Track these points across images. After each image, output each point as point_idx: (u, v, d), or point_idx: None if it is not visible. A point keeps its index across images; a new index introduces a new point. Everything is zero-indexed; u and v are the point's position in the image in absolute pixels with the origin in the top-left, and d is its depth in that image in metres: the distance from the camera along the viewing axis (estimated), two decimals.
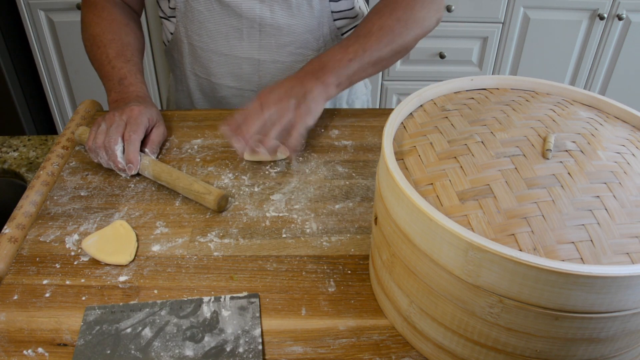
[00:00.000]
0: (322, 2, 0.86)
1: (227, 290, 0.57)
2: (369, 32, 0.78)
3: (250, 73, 0.93)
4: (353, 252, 0.62)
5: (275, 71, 0.93)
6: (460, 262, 0.41)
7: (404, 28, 0.80)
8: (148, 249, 0.62)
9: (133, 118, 0.73)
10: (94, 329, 0.52)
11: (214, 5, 0.85)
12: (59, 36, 1.75)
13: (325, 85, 0.74)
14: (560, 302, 0.39)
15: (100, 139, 0.71)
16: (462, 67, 1.87)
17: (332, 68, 0.75)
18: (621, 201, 0.44)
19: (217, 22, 0.87)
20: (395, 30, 0.79)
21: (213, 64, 0.92)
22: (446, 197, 0.45)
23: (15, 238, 0.62)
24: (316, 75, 0.75)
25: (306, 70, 0.76)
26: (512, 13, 1.76)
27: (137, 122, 0.73)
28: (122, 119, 0.73)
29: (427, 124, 0.53)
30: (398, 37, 0.79)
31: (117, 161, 0.70)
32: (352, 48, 0.77)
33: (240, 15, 0.85)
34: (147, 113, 0.75)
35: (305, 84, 0.73)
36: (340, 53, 0.77)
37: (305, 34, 0.89)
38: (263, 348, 0.51)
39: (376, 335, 0.53)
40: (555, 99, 0.57)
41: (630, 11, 1.74)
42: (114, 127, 0.71)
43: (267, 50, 0.90)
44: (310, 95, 0.73)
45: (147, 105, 0.76)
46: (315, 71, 0.75)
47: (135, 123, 0.72)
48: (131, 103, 0.75)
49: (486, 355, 0.46)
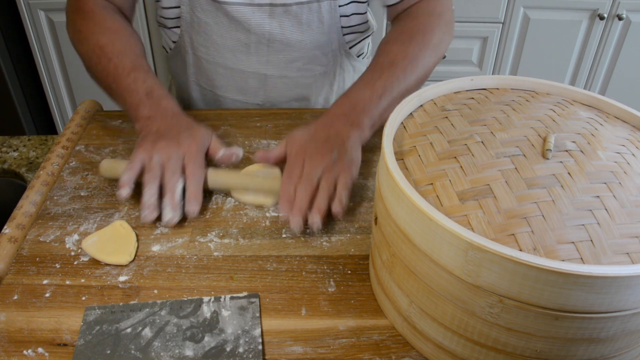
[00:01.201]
0: (332, 18, 0.85)
1: (227, 290, 0.57)
2: (392, 63, 0.75)
3: (257, 87, 0.91)
4: (353, 252, 0.62)
5: (282, 86, 0.91)
6: (460, 262, 0.41)
7: (425, 54, 0.77)
8: (148, 249, 0.62)
9: (193, 154, 0.66)
10: (94, 329, 0.52)
11: (221, 18, 0.83)
12: (59, 36, 1.75)
13: (361, 129, 0.70)
14: (560, 302, 0.39)
15: (157, 172, 0.64)
16: (462, 67, 1.87)
17: (364, 108, 0.71)
18: (621, 201, 0.44)
19: (224, 35, 0.85)
20: (419, 57, 0.76)
21: (218, 76, 0.91)
22: (446, 197, 0.45)
23: (15, 238, 0.62)
24: (349, 118, 0.70)
25: (337, 113, 0.71)
26: (512, 13, 1.76)
27: (197, 157, 0.66)
28: (180, 153, 0.66)
29: (427, 124, 0.53)
30: (421, 64, 0.76)
31: (174, 197, 0.63)
32: (380, 83, 0.73)
33: (248, 30, 0.84)
34: (203, 143, 0.68)
35: (340, 131, 0.69)
36: (368, 90, 0.72)
37: (314, 49, 0.88)
38: (263, 348, 0.51)
39: (376, 335, 0.53)
40: (555, 99, 0.57)
41: (630, 11, 1.74)
42: (173, 161, 0.65)
43: (275, 65, 0.88)
44: (349, 143, 0.68)
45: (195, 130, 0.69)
46: (347, 114, 0.71)
47: (196, 160, 0.66)
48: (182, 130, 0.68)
49: (486, 355, 0.46)
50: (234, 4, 0.81)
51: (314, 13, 0.83)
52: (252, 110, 0.88)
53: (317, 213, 0.61)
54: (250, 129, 0.82)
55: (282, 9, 0.82)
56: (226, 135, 0.81)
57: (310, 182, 0.63)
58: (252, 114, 0.86)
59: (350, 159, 0.66)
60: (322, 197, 0.63)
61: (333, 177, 0.64)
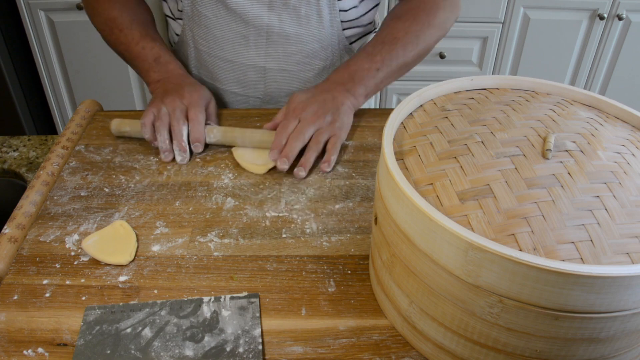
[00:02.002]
0: (331, 12, 0.85)
1: (227, 290, 0.57)
2: (394, 39, 0.80)
3: (256, 80, 0.92)
4: (353, 252, 0.62)
5: (281, 79, 0.92)
6: (460, 262, 0.41)
7: (428, 32, 0.82)
8: (148, 249, 0.62)
9: (194, 101, 0.77)
10: (94, 329, 0.52)
11: (221, 11, 0.85)
12: (59, 36, 1.75)
13: (355, 97, 0.77)
14: (560, 302, 0.39)
15: (165, 119, 0.74)
16: (462, 67, 1.87)
17: (361, 78, 0.78)
18: (621, 201, 0.44)
19: (223, 28, 0.87)
20: (420, 35, 0.81)
21: (219, 69, 0.92)
22: (446, 197, 0.45)
23: (15, 238, 0.62)
24: (346, 86, 0.77)
25: (335, 81, 0.78)
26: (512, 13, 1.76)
27: (198, 104, 0.76)
28: (184, 103, 0.76)
29: (427, 124, 0.53)
30: (422, 41, 0.81)
31: (181, 140, 0.74)
32: (379, 56, 0.79)
33: (247, 23, 0.85)
34: (204, 96, 0.79)
35: (336, 96, 0.76)
36: (367, 62, 0.79)
37: (313, 43, 0.88)
38: (263, 348, 0.51)
39: (376, 335, 0.53)
40: (555, 99, 0.57)
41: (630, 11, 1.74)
42: (178, 110, 0.75)
43: (274, 58, 0.89)
44: (343, 108, 0.76)
45: (197, 87, 0.80)
46: (345, 82, 0.78)
47: (197, 105, 0.76)
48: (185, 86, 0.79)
49: (486, 355, 0.46)
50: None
51: (312, 7, 0.84)
52: (252, 110, 0.88)
53: (301, 166, 0.71)
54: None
55: (280, 2, 0.83)
56: None
57: (302, 136, 0.72)
58: (252, 114, 0.86)
59: (342, 123, 0.75)
60: (310, 152, 0.72)
61: (324, 137, 0.73)
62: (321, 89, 0.78)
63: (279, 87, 0.93)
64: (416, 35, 0.81)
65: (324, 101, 0.75)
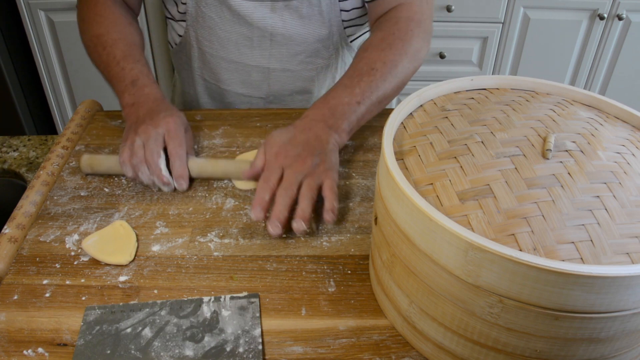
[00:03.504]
0: (333, 12, 0.86)
1: (227, 290, 0.57)
2: (372, 70, 0.75)
3: (260, 81, 0.92)
4: (353, 252, 0.62)
5: (284, 79, 0.92)
6: (460, 262, 0.41)
7: (404, 61, 0.77)
8: (148, 249, 0.62)
9: (173, 132, 0.69)
10: (94, 329, 0.52)
11: (225, 12, 0.85)
12: (59, 36, 1.75)
13: (339, 134, 0.70)
14: (560, 302, 0.39)
15: (140, 153, 0.67)
16: (462, 67, 1.87)
17: (342, 113, 0.71)
18: (621, 201, 0.44)
19: (227, 29, 0.87)
20: (398, 64, 0.76)
21: (222, 70, 0.92)
22: (446, 197, 0.45)
23: (15, 238, 0.62)
24: (327, 123, 0.70)
25: (315, 118, 0.71)
26: (512, 13, 1.76)
27: (177, 135, 0.69)
28: (159, 132, 0.69)
29: (427, 124, 0.53)
30: (400, 72, 0.77)
31: (161, 175, 0.67)
32: (359, 89, 0.73)
33: (251, 24, 0.85)
34: (181, 122, 0.71)
35: (320, 135, 0.68)
36: (347, 95, 0.72)
37: (316, 43, 0.88)
38: (263, 348, 0.51)
39: (376, 335, 0.53)
40: (555, 99, 0.57)
41: (630, 11, 1.74)
42: (152, 140, 0.68)
43: (278, 59, 0.89)
44: (329, 147, 0.68)
45: (174, 112, 0.72)
46: (326, 118, 0.71)
47: (176, 137, 0.69)
48: (160, 112, 0.71)
49: (486, 355, 0.46)
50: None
51: (314, 7, 0.84)
52: (252, 110, 0.88)
53: (300, 219, 0.61)
54: (250, 129, 0.82)
55: (282, 4, 0.83)
56: (226, 135, 0.81)
57: (291, 191, 0.62)
58: (252, 114, 0.86)
59: (330, 164, 0.66)
60: (305, 202, 0.62)
61: (316, 182, 0.64)
62: (301, 127, 0.69)
63: (282, 86, 0.93)
64: (394, 65, 0.76)
65: (306, 142, 0.67)
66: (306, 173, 0.64)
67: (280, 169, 0.64)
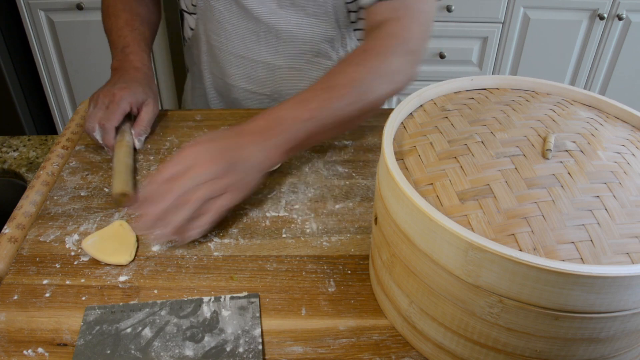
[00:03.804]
0: (340, 13, 0.85)
1: (227, 290, 0.57)
2: (333, 87, 0.67)
3: (265, 77, 0.92)
4: (353, 252, 0.62)
5: (290, 77, 0.92)
6: (460, 262, 0.41)
7: (376, 81, 0.69)
8: (148, 249, 0.62)
9: (114, 103, 0.75)
10: (94, 329, 0.52)
11: (233, 6, 0.85)
12: (59, 36, 1.75)
13: (268, 152, 0.62)
14: (560, 302, 0.39)
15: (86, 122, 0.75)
16: (462, 67, 1.87)
17: (285, 129, 0.63)
18: (621, 201, 0.44)
19: (235, 23, 0.87)
20: (365, 83, 0.68)
21: (229, 64, 0.92)
22: (446, 197, 0.45)
23: (15, 238, 0.62)
24: (262, 136, 0.62)
25: (250, 128, 0.63)
26: (512, 13, 1.76)
27: (115, 108, 0.74)
28: (104, 102, 0.75)
29: (427, 124, 0.53)
30: (368, 92, 0.68)
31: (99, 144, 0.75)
32: (314, 104, 0.65)
33: (257, 19, 0.85)
34: (129, 97, 0.76)
35: (243, 147, 0.61)
36: (299, 109, 0.65)
37: (323, 43, 0.88)
38: (263, 348, 0.51)
39: (376, 335, 0.53)
40: (555, 99, 0.57)
41: (630, 11, 1.74)
42: (95, 110, 0.75)
43: (284, 56, 0.89)
44: (248, 165, 0.61)
45: (134, 84, 0.78)
46: (262, 131, 0.63)
47: (112, 110, 0.74)
48: (119, 82, 0.77)
49: (486, 355, 0.46)
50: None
51: (320, 7, 0.83)
52: (252, 111, 0.88)
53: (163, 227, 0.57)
54: None
55: (289, 1, 0.83)
56: None
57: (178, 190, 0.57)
58: (252, 114, 0.86)
59: (242, 182, 0.61)
60: (181, 211, 0.57)
61: (209, 193, 0.58)
62: (229, 135, 0.63)
63: (287, 85, 0.93)
64: (361, 83, 0.67)
65: (225, 149, 0.60)
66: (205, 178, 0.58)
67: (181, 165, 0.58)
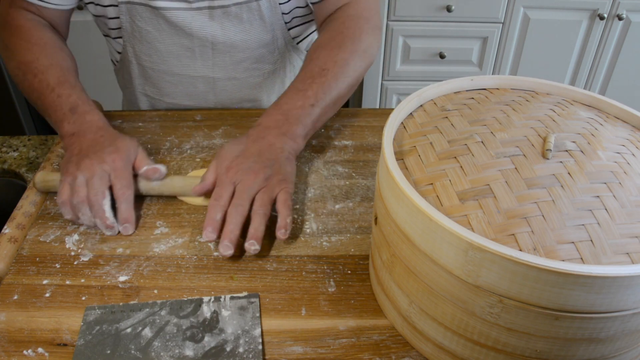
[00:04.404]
0: (274, 15, 0.84)
1: (227, 290, 0.57)
2: (324, 70, 0.73)
3: (206, 91, 0.90)
4: (353, 252, 0.62)
5: (231, 88, 0.91)
6: (460, 262, 0.41)
7: (356, 60, 0.75)
8: (148, 248, 0.62)
9: (119, 170, 0.64)
10: (94, 329, 0.52)
11: (162, 25, 0.82)
12: None
13: (294, 140, 0.68)
14: (560, 302, 0.39)
15: (82, 192, 0.62)
16: (462, 67, 1.87)
17: (296, 118, 0.69)
18: (621, 201, 0.44)
19: (166, 42, 0.84)
20: (350, 62, 0.74)
21: (165, 84, 0.89)
22: (446, 197, 0.45)
23: (15, 238, 0.62)
24: (281, 129, 0.67)
25: (267, 125, 0.68)
26: (512, 13, 1.76)
27: (124, 174, 0.64)
28: (105, 169, 0.63)
29: (427, 124, 0.53)
30: (352, 70, 0.75)
31: (104, 217, 0.61)
32: (311, 91, 0.71)
33: (190, 35, 0.83)
34: (128, 157, 0.65)
35: (273, 143, 0.66)
36: (300, 99, 0.70)
37: (260, 48, 0.86)
38: (263, 348, 0.51)
39: (376, 335, 0.53)
40: (555, 99, 0.57)
41: (630, 11, 1.74)
42: (96, 178, 0.62)
43: (222, 67, 0.87)
44: (283, 156, 0.65)
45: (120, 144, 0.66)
46: (279, 124, 0.68)
47: (123, 177, 0.64)
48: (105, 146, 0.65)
49: (486, 355, 0.46)
50: (172, 9, 0.80)
51: (254, 12, 0.82)
52: (252, 110, 0.88)
53: (253, 239, 0.58)
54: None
55: (221, 11, 0.81)
56: (226, 135, 0.81)
57: (242, 208, 0.60)
58: (252, 114, 0.86)
59: (285, 174, 0.64)
60: (258, 218, 0.60)
61: (269, 197, 0.61)
62: (254, 137, 0.67)
63: (229, 95, 0.91)
64: (345, 64, 0.74)
65: (259, 153, 0.64)
66: (258, 187, 0.62)
67: (232, 184, 0.62)
